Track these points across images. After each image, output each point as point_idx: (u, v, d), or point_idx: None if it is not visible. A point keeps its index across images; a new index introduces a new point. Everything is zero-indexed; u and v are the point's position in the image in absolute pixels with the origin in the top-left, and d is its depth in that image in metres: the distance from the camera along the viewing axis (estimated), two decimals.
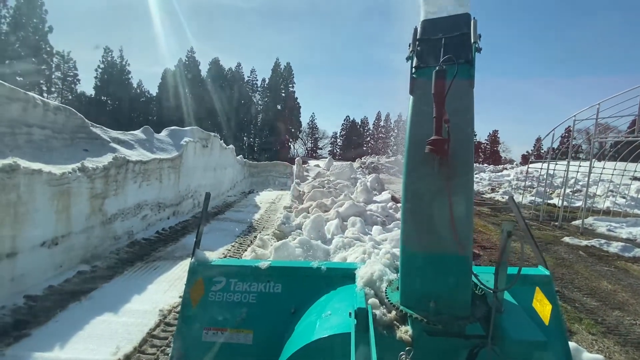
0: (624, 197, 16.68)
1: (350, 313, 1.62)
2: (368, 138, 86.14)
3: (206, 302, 2.12)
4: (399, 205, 10.22)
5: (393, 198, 11.90)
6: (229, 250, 7.37)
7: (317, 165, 30.04)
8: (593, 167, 12.09)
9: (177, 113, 53.70)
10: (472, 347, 1.53)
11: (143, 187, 7.90)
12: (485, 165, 52.04)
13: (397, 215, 9.43)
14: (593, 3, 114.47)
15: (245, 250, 7.10)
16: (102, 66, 60.92)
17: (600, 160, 16.60)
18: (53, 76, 55.25)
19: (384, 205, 10.10)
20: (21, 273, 4.55)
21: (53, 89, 55.50)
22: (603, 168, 14.78)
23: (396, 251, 4.57)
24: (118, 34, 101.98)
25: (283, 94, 71.89)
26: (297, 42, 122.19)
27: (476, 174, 30.92)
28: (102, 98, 60.99)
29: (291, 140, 75.04)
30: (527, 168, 19.34)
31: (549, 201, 16.78)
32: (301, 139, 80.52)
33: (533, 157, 19.86)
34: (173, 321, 4.24)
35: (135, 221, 7.55)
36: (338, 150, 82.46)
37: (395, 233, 7.16)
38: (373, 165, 33.08)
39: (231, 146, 16.53)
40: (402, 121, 74.65)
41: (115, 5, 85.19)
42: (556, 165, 14.72)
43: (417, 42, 1.77)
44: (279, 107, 70.92)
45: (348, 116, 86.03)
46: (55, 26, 50.41)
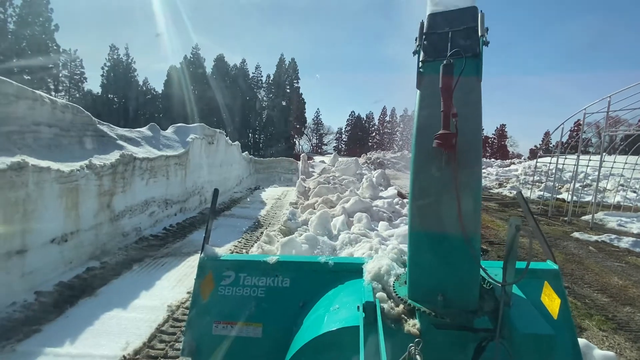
0: (635, 192, 16.46)
1: (358, 307, 1.63)
2: (373, 133, 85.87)
3: (216, 296, 2.14)
4: (406, 201, 10.19)
5: (399, 194, 11.85)
6: (236, 246, 7.41)
7: (323, 161, 30.01)
8: (603, 161, 11.90)
9: (183, 110, 54.05)
10: (480, 340, 1.53)
11: (150, 184, 7.96)
12: (492, 159, 51.53)
13: (404, 211, 9.38)
14: None
15: (252, 246, 7.13)
16: (109, 64, 61.54)
17: (610, 154, 16.39)
18: (60, 74, 55.83)
19: (390, 201, 10.03)
20: (31, 269, 4.61)
21: (60, 87, 56.14)
22: (614, 162, 14.58)
23: (403, 247, 4.55)
24: (123, 32, 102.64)
25: (288, 90, 71.83)
26: (302, 38, 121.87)
27: (483, 169, 30.64)
28: (109, 96, 61.62)
29: (296, 136, 75.05)
30: (536, 162, 19.13)
31: (558, 196, 16.59)
32: (306, 135, 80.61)
33: (541, 152, 19.62)
34: (181, 317, 4.28)
35: (143, 218, 7.61)
36: (343, 146, 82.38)
37: (402, 229, 7.12)
38: (379, 160, 33.00)
39: (237, 143, 16.56)
40: (408, 116, 74.27)
41: (120, 3, 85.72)
42: (565, 159, 14.53)
43: (424, 36, 1.74)
44: (284, 103, 70.91)
45: (353, 111, 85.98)
46: (61, 25, 50.75)
